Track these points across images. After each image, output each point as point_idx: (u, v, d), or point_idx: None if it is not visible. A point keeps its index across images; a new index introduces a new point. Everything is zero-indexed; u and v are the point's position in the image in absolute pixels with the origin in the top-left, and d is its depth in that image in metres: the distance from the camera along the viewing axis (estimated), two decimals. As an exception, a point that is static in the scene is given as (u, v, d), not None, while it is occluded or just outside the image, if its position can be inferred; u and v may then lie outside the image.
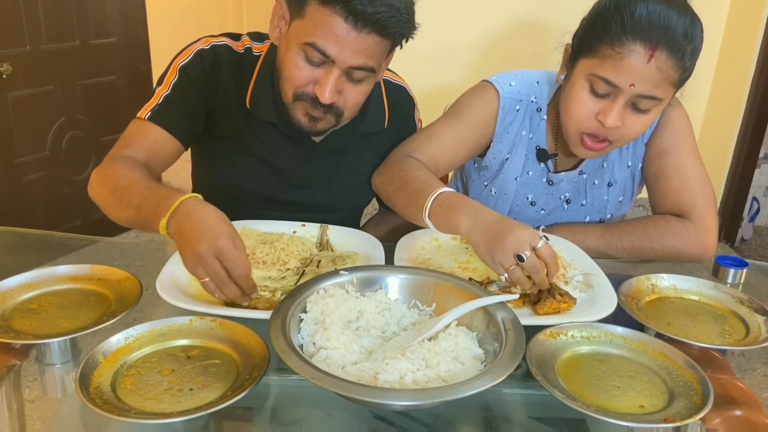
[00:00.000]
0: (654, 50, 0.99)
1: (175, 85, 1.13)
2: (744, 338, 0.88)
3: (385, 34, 0.98)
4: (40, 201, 2.76)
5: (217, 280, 0.82)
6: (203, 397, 0.70)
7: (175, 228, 0.85)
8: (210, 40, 1.16)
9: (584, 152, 1.13)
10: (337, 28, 0.95)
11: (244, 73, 1.16)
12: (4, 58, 2.49)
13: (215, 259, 0.81)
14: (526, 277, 0.87)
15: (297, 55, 1.01)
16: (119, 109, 2.95)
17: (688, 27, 1.00)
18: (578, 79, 1.08)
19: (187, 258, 0.83)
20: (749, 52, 2.93)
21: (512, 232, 0.87)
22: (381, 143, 1.26)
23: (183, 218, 0.85)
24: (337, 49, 0.97)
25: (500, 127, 1.23)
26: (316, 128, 1.09)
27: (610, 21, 1.02)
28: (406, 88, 1.31)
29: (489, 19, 2.90)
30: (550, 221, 1.31)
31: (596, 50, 1.04)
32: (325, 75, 1.01)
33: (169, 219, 0.86)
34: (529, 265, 0.86)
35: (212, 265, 0.81)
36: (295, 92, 1.05)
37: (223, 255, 0.81)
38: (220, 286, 0.83)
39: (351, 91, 1.05)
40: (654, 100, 1.04)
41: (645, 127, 1.09)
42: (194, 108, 1.15)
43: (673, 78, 1.02)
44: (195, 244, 0.81)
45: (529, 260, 0.86)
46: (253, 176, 1.21)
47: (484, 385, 0.65)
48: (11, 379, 0.79)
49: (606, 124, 1.06)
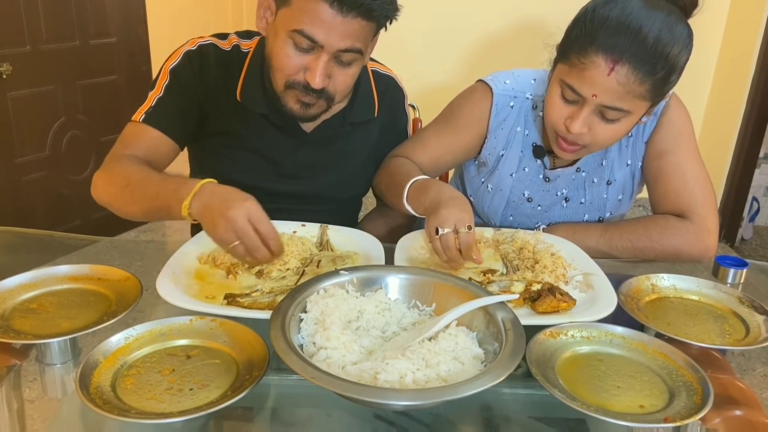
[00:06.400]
0: (615, 64, 0.99)
1: (167, 87, 1.16)
2: (744, 338, 0.88)
3: (371, 17, 1.01)
4: (40, 201, 2.76)
5: (249, 241, 0.85)
6: (203, 397, 0.70)
7: (199, 207, 0.89)
8: (197, 40, 1.20)
9: (560, 153, 1.14)
10: (323, 13, 0.98)
11: (233, 68, 1.19)
12: (4, 58, 2.49)
13: (247, 221, 0.85)
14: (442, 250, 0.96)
15: (285, 43, 1.04)
16: (119, 109, 2.95)
17: (663, 36, 0.98)
18: (553, 82, 1.10)
19: (218, 225, 0.86)
20: (749, 52, 2.93)
21: (447, 208, 0.96)
22: (372, 132, 1.29)
23: (207, 196, 0.89)
24: (325, 35, 1.00)
25: (494, 122, 1.24)
26: (308, 114, 1.12)
27: (581, 30, 1.03)
28: (395, 78, 1.34)
29: (488, 18, 2.90)
30: (548, 218, 1.31)
31: (567, 57, 1.05)
32: (314, 60, 1.03)
33: (191, 200, 0.89)
34: (442, 240, 0.95)
35: (243, 226, 0.85)
36: (287, 81, 1.08)
37: (252, 215, 0.85)
38: (251, 249, 0.86)
39: (340, 75, 1.07)
40: (620, 111, 1.04)
41: (615, 135, 1.09)
42: (187, 108, 1.18)
43: (638, 91, 1.01)
44: (225, 210, 0.85)
45: (444, 236, 0.95)
46: (247, 169, 1.24)
47: (484, 385, 0.65)
48: (11, 379, 0.79)
49: (570, 130, 1.07)
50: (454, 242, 0.95)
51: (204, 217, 0.89)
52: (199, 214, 0.89)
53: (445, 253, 0.96)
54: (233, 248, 0.86)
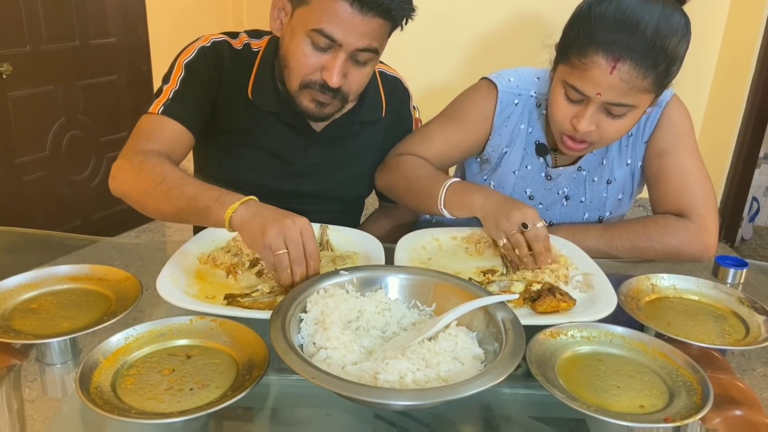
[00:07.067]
0: (616, 62, 0.99)
1: (183, 80, 1.16)
2: (744, 338, 0.88)
3: (389, 16, 1.02)
4: (40, 201, 2.76)
5: (296, 252, 0.87)
6: (203, 397, 0.70)
7: (247, 214, 0.90)
8: (210, 37, 1.20)
9: (567, 150, 1.15)
10: (343, 12, 0.99)
11: (244, 67, 1.20)
12: (4, 58, 2.49)
13: (299, 233, 0.87)
14: (525, 243, 1.01)
15: (303, 42, 1.04)
16: (119, 109, 2.96)
17: (661, 28, 0.98)
18: (556, 83, 1.10)
19: (270, 229, 0.86)
20: (749, 52, 2.93)
21: (520, 208, 1.04)
22: (379, 132, 1.30)
23: (258, 207, 0.91)
24: (344, 33, 1.01)
25: (498, 120, 1.24)
26: (323, 113, 1.13)
27: (579, 30, 1.03)
28: (401, 80, 1.35)
29: (489, 16, 2.90)
30: (548, 216, 1.31)
31: (567, 58, 1.06)
32: (332, 59, 1.04)
33: (239, 206, 0.90)
34: (531, 234, 1.01)
35: (295, 236, 0.87)
36: (303, 80, 1.08)
37: (305, 231, 0.88)
38: (295, 261, 0.87)
39: (355, 74, 1.09)
40: (625, 107, 1.04)
41: (622, 130, 1.09)
42: (202, 102, 1.18)
43: (642, 86, 1.01)
44: (282, 218, 0.88)
45: (532, 230, 1.01)
46: (255, 167, 1.24)
47: (484, 385, 0.65)
48: (11, 379, 0.79)
49: (578, 129, 1.07)
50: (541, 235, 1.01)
51: (251, 223, 0.89)
52: (245, 221, 0.90)
53: (532, 245, 1.01)
54: (278, 256, 0.86)
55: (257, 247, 0.89)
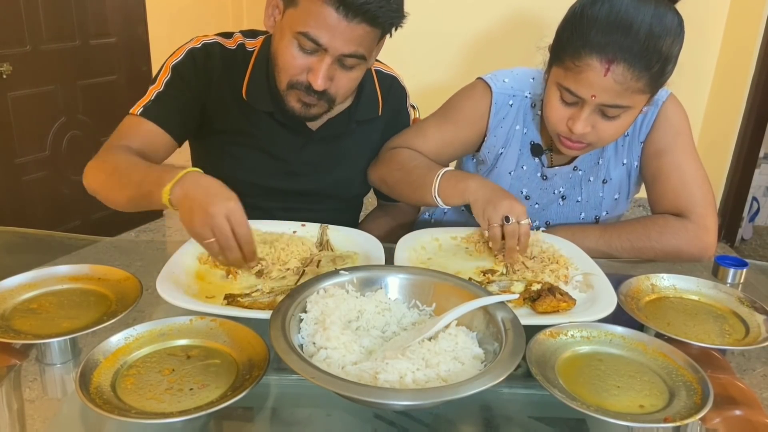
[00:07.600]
0: (610, 64, 0.99)
1: (168, 82, 1.16)
2: (744, 338, 0.88)
3: (375, 23, 1.02)
4: (40, 201, 2.76)
5: (224, 240, 0.84)
6: (203, 397, 0.70)
7: (180, 194, 0.87)
8: (201, 39, 1.20)
9: (566, 150, 1.15)
10: (329, 17, 0.99)
11: (238, 67, 1.20)
12: (4, 58, 2.49)
13: (225, 220, 0.83)
14: (501, 238, 1.02)
15: (290, 44, 1.04)
16: (119, 110, 2.91)
17: (654, 28, 0.98)
18: (550, 85, 1.10)
19: (195, 218, 0.84)
20: (749, 52, 2.93)
21: (510, 200, 1.04)
22: (376, 130, 1.30)
23: (190, 185, 0.87)
24: (329, 38, 1.01)
25: (493, 121, 1.24)
26: (309, 114, 1.13)
27: (572, 32, 1.03)
28: (398, 78, 1.35)
29: (485, 16, 2.90)
30: (544, 216, 1.31)
31: (561, 60, 1.06)
32: (318, 62, 1.04)
33: (173, 186, 0.87)
34: (509, 228, 1.01)
35: (221, 224, 0.83)
36: (290, 81, 1.08)
37: (233, 216, 0.84)
38: (225, 248, 0.85)
39: (342, 78, 1.08)
40: (620, 108, 1.04)
41: (619, 130, 1.09)
42: (187, 105, 1.18)
43: (637, 87, 1.01)
44: (206, 205, 0.84)
45: (512, 225, 1.01)
46: (252, 167, 1.24)
47: (484, 385, 0.65)
48: (11, 379, 0.79)
49: (574, 131, 1.07)
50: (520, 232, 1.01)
51: (182, 205, 0.87)
52: (179, 201, 0.87)
53: (507, 240, 1.01)
54: (207, 245, 0.86)
55: (189, 234, 0.88)
